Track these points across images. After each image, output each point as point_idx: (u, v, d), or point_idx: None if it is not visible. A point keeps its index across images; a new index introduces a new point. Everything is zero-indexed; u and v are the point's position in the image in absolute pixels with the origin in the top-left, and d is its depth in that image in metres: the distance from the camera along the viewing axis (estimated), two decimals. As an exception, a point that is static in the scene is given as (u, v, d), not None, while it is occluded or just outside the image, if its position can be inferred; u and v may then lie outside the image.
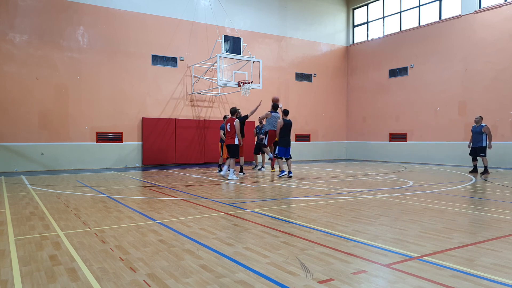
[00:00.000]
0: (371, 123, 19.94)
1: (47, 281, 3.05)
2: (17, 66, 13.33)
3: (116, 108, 14.95)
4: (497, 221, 5.24)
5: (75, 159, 14.28)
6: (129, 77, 15.22)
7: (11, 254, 3.78)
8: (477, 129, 11.82)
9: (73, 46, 14.23)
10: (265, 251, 3.81)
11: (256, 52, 17.56)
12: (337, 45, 20.95)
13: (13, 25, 13.26)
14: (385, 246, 3.99)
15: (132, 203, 6.76)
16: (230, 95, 17.16)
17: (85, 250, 3.89)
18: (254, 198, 7.42)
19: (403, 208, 6.16)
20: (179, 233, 4.56)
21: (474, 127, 12.01)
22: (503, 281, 3.02)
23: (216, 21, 16.91)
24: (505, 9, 14.72)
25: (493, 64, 15.02)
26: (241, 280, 3.05)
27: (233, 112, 10.69)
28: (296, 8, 19.45)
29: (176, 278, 3.10)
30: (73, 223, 5.17)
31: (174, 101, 16.19)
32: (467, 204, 6.73)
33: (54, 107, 13.90)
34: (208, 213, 5.83)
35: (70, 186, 9.34)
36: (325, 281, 3.02)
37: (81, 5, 14.29)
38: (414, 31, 17.91)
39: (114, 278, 3.12)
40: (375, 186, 9.04)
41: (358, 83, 20.72)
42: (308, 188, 8.75)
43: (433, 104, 17.11)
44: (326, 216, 5.52)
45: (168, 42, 15.97)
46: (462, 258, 3.58)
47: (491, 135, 11.66)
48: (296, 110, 19.43)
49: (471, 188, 8.85)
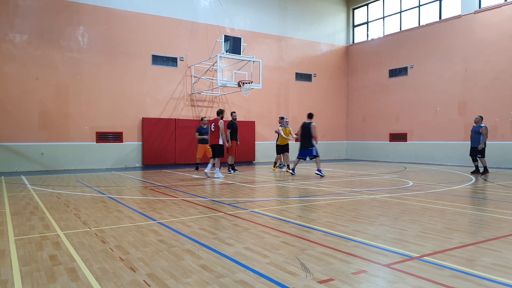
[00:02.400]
0: (371, 123, 19.94)
1: (47, 281, 3.05)
2: (17, 66, 13.33)
3: (116, 108, 14.95)
4: (497, 221, 5.24)
5: (75, 159, 14.28)
6: (129, 77, 15.22)
7: (11, 254, 3.78)
8: (476, 129, 11.76)
9: (73, 46, 14.23)
10: (265, 251, 3.81)
11: (256, 52, 17.56)
12: (337, 45, 20.95)
13: (13, 25, 13.26)
14: (385, 246, 3.99)
15: (132, 203, 6.76)
16: (230, 95, 17.16)
17: (85, 250, 3.89)
18: (254, 198, 7.42)
19: (403, 208, 6.16)
20: (179, 233, 4.56)
21: (474, 127, 11.96)
22: (503, 281, 3.02)
23: (216, 21, 16.91)
24: (505, 9, 14.72)
25: (493, 64, 15.02)
26: (241, 280, 3.05)
27: (218, 113, 11.23)
28: (296, 8, 19.45)
29: (176, 278, 3.10)
30: (73, 223, 5.17)
31: (174, 101, 16.19)
32: (467, 204, 6.73)
33: (54, 107, 13.90)
34: (208, 213, 5.83)
35: (70, 186, 9.34)
36: (325, 281, 3.02)
37: (81, 5, 14.29)
38: (414, 31, 17.91)
39: (114, 278, 3.12)
40: (375, 186, 9.04)
41: (358, 83, 20.72)
42: (308, 188, 8.75)
43: (433, 104, 17.11)
44: (326, 216, 5.52)
45: (168, 42, 15.97)
46: (462, 258, 3.58)
47: (486, 136, 11.52)
48: (296, 110, 19.45)
49: (471, 188, 8.85)
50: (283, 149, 13.22)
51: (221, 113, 11.18)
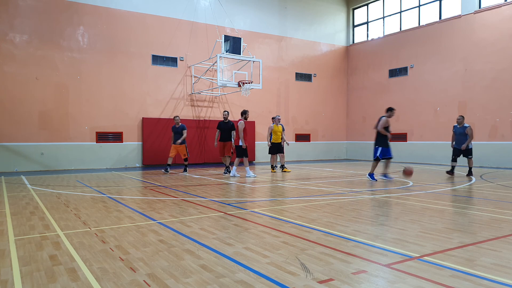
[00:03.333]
0: (371, 123, 19.86)
1: (47, 281, 3.05)
2: (17, 66, 13.33)
3: (116, 108, 14.95)
4: (497, 221, 5.23)
5: (75, 159, 14.28)
6: (129, 77, 15.22)
7: (11, 254, 3.78)
8: (460, 130, 11.39)
9: (73, 46, 14.23)
10: (265, 251, 3.81)
11: (256, 52, 17.56)
12: (337, 45, 20.95)
13: (13, 25, 13.26)
14: (385, 246, 3.99)
15: (132, 203, 6.76)
16: (230, 95, 17.16)
17: (85, 250, 3.89)
18: (254, 198, 7.42)
19: (403, 208, 6.16)
20: (179, 233, 4.56)
21: (456, 127, 11.48)
22: (503, 281, 3.02)
23: (216, 21, 16.91)
24: (505, 9, 14.72)
25: (493, 64, 15.02)
26: (241, 280, 3.05)
27: (241, 114, 11.22)
28: (296, 8, 19.45)
29: (176, 278, 3.10)
30: (73, 223, 5.17)
31: (174, 101, 16.19)
32: (467, 204, 6.73)
33: (54, 107, 13.91)
34: (208, 213, 5.83)
35: (70, 186, 9.33)
36: (325, 281, 3.02)
37: (81, 5, 14.29)
38: (414, 31, 17.91)
39: (114, 278, 3.12)
40: (375, 186, 9.04)
41: (358, 83, 20.72)
42: (308, 188, 8.75)
43: (433, 104, 17.11)
44: (326, 216, 5.51)
45: (168, 42, 15.97)
46: (462, 258, 3.58)
47: (472, 137, 11.14)
48: (296, 110, 19.46)
49: (471, 188, 8.85)
50: (277, 148, 12.75)
51: (244, 114, 11.04)
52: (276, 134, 12.74)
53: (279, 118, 12.94)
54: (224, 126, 11.83)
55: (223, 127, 11.85)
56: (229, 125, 11.84)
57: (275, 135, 12.75)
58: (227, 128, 11.82)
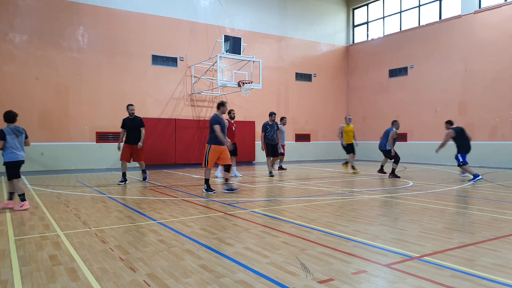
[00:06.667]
0: (371, 123, 19.93)
1: (47, 281, 3.05)
2: (17, 66, 13.33)
3: (116, 108, 14.93)
4: (497, 221, 5.23)
5: (75, 159, 14.28)
6: (129, 77, 15.22)
7: (11, 254, 3.78)
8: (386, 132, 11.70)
9: (73, 46, 14.23)
10: (265, 251, 3.81)
11: (256, 52, 17.55)
12: (337, 45, 20.95)
13: (13, 25, 13.26)
14: (385, 246, 3.99)
15: (132, 203, 6.76)
16: (230, 95, 17.16)
17: (85, 250, 3.89)
18: (254, 198, 7.42)
19: (403, 208, 6.16)
20: (179, 233, 4.56)
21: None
22: (503, 281, 3.02)
23: (216, 21, 16.91)
24: (505, 9, 14.72)
25: (493, 64, 15.01)
26: (241, 280, 3.05)
27: (228, 113, 11.01)
28: (296, 8, 19.45)
29: (176, 278, 3.10)
30: (73, 223, 5.17)
31: (174, 101, 16.19)
32: (467, 204, 6.73)
33: (54, 107, 13.90)
34: (208, 213, 5.83)
35: (70, 186, 9.33)
36: (325, 281, 3.02)
37: (81, 5, 14.29)
38: (414, 31, 17.91)
39: (114, 278, 3.12)
40: (375, 186, 9.04)
41: (358, 83, 20.71)
42: (308, 188, 8.75)
43: (433, 104, 17.10)
44: (326, 216, 5.51)
45: (168, 42, 15.97)
46: (462, 258, 3.58)
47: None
48: (296, 110, 19.45)
49: (471, 188, 8.85)
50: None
51: (230, 113, 11.08)
52: (348, 134, 12.42)
53: (350, 118, 12.66)
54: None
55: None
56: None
57: (346, 135, 12.44)
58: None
